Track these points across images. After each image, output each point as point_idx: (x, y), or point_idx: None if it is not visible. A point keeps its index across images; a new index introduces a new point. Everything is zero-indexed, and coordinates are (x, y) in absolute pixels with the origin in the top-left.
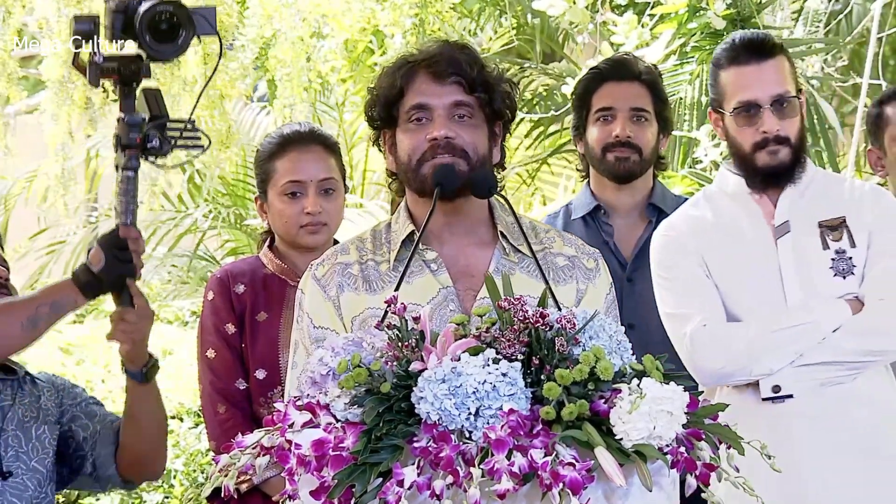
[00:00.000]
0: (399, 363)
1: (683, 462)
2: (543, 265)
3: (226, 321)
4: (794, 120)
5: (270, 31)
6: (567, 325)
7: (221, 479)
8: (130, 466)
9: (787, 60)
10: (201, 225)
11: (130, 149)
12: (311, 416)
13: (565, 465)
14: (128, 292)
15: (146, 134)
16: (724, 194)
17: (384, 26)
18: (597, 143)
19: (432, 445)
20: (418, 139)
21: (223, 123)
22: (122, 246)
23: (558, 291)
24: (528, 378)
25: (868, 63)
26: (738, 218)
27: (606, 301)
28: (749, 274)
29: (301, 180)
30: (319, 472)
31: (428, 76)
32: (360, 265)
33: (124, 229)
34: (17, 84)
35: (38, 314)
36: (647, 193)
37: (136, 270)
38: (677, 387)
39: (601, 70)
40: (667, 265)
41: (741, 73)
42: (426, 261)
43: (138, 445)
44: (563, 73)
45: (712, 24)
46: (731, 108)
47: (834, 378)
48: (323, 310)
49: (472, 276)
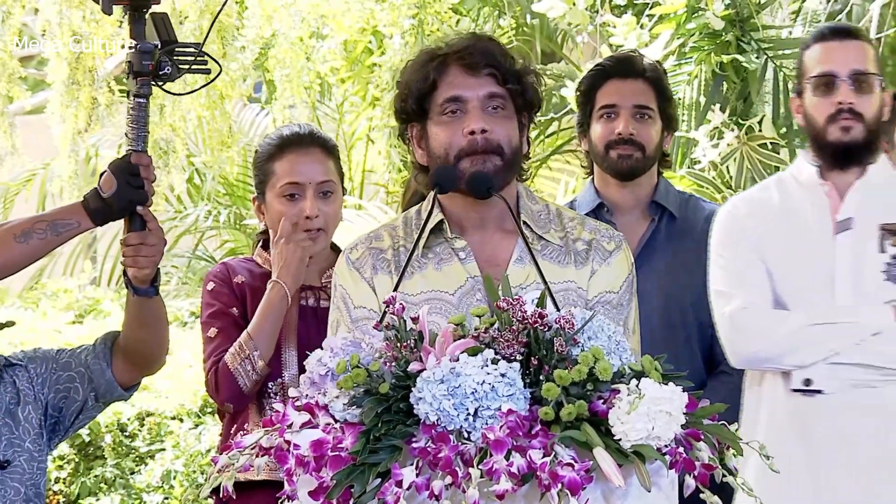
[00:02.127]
0: (398, 364)
1: (682, 462)
2: (565, 251)
3: (230, 305)
4: (871, 97)
5: (270, 31)
6: (566, 325)
7: (220, 478)
8: (133, 370)
9: (872, 49)
10: (201, 225)
11: (142, 76)
12: (310, 416)
13: (564, 465)
14: (139, 217)
15: (158, 61)
16: (795, 181)
17: (383, 27)
18: (600, 140)
19: (431, 446)
20: (454, 132)
21: (223, 123)
22: (133, 172)
23: (578, 274)
24: (527, 378)
25: None
26: (804, 207)
27: (625, 283)
28: (803, 265)
29: (300, 182)
30: (318, 472)
31: (461, 68)
32: (393, 251)
33: (136, 156)
34: (18, 84)
35: (34, 229)
36: (650, 191)
37: (148, 197)
38: (676, 387)
39: (605, 67)
40: (723, 243)
41: (824, 48)
42: (455, 249)
43: (148, 346)
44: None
45: (711, 25)
46: (809, 80)
47: (867, 381)
48: (359, 290)
49: (497, 266)
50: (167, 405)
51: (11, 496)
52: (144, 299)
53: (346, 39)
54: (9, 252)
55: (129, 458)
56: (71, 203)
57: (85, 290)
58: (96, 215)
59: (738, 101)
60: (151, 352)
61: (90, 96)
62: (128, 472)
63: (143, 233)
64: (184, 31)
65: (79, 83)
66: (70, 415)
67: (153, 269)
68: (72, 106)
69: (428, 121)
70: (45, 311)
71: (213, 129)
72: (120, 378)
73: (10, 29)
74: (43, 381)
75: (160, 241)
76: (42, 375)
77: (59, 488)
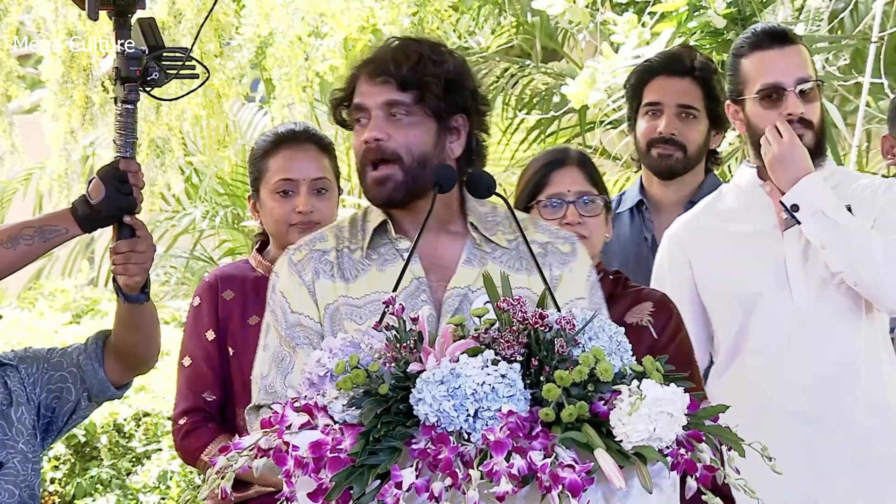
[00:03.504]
0: (397, 364)
1: (684, 464)
2: (516, 254)
3: (206, 328)
4: (816, 105)
5: (268, 30)
6: (566, 325)
7: (218, 481)
8: (125, 370)
9: (806, 50)
10: (199, 225)
11: (130, 82)
12: (309, 417)
13: (565, 467)
14: (128, 225)
15: (146, 67)
16: (737, 188)
17: (383, 25)
18: (643, 137)
19: (431, 447)
20: (358, 141)
21: (221, 123)
22: (122, 178)
23: (530, 280)
24: (528, 379)
25: (870, 62)
26: (747, 211)
27: (588, 283)
28: (755, 266)
29: (293, 178)
30: (317, 473)
31: (365, 77)
32: (337, 252)
33: (125, 162)
34: (15, 82)
35: (21, 234)
36: (693, 189)
37: (137, 203)
38: (677, 388)
39: (653, 63)
40: (658, 276)
41: (765, 58)
42: (399, 250)
43: (140, 349)
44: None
45: (712, 23)
46: (754, 92)
47: None
48: (298, 295)
49: (444, 267)
50: (164, 405)
51: (6, 498)
52: (136, 305)
53: (346, 38)
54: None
55: (125, 458)
56: (59, 210)
57: (82, 290)
58: (85, 222)
59: None
60: (143, 354)
61: (84, 95)
62: (124, 473)
63: (133, 240)
64: (181, 29)
65: (73, 82)
66: (63, 415)
67: (144, 276)
68: (65, 105)
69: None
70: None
71: (211, 129)
72: (112, 377)
73: (7, 27)
74: (35, 381)
75: (150, 247)
76: (34, 375)
77: (54, 489)
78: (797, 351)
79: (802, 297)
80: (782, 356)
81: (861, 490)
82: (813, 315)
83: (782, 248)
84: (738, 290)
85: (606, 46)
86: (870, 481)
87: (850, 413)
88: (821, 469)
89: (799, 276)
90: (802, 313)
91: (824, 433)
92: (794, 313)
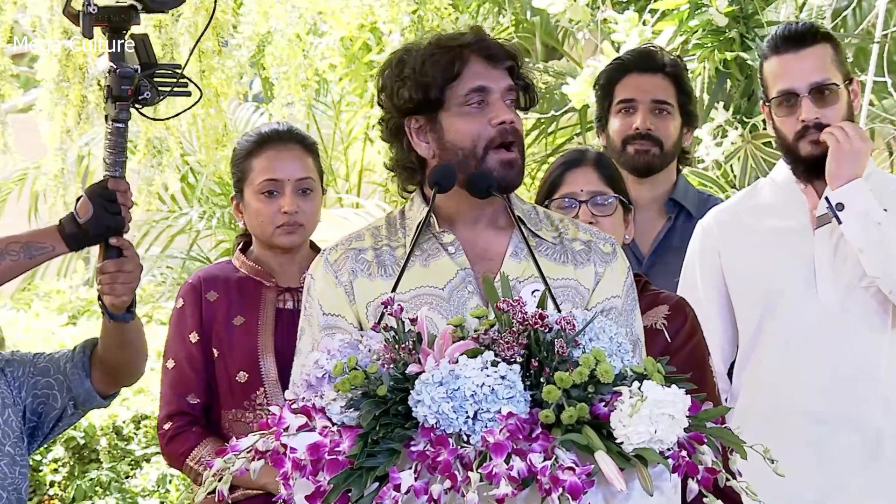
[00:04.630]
0: (396, 366)
1: (685, 466)
2: (560, 250)
3: (190, 330)
4: (835, 107)
5: (266, 28)
6: (566, 326)
7: (215, 483)
8: (112, 381)
9: (831, 48)
10: (196, 225)
11: (121, 100)
12: (307, 419)
13: (565, 469)
14: (114, 245)
15: (138, 86)
16: (773, 182)
17: (382, 23)
18: (617, 135)
19: (430, 449)
20: (482, 124)
21: (218, 122)
22: (110, 198)
23: (577, 273)
24: (527, 381)
25: (873, 60)
26: (781, 207)
27: (625, 285)
28: (784, 264)
29: (278, 179)
30: (315, 476)
31: (483, 59)
32: (375, 250)
33: (114, 182)
34: (10, 82)
35: (7, 249)
36: (668, 188)
37: (125, 223)
38: (679, 390)
39: (624, 61)
40: (690, 267)
41: (781, 62)
42: (443, 244)
43: (126, 365)
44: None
45: (714, 21)
46: (772, 98)
47: None
48: (333, 296)
49: (491, 260)
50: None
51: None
52: (121, 324)
53: (344, 36)
54: None
55: (124, 461)
56: (47, 226)
57: (78, 291)
58: (71, 240)
59: (742, 98)
60: (130, 369)
61: (80, 94)
62: (123, 476)
63: (121, 260)
64: (178, 27)
65: (69, 81)
66: (49, 421)
67: (131, 296)
68: (61, 104)
69: (442, 112)
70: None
71: (208, 128)
72: (98, 387)
73: (1, 26)
74: (21, 384)
75: (137, 267)
76: (20, 379)
77: (54, 492)
78: (817, 350)
79: (828, 296)
80: (801, 355)
81: (874, 490)
82: (836, 315)
83: (813, 246)
84: (765, 286)
85: (607, 45)
86: (883, 482)
87: (865, 414)
88: (834, 469)
89: (827, 275)
90: (827, 313)
91: (838, 433)
92: (819, 312)
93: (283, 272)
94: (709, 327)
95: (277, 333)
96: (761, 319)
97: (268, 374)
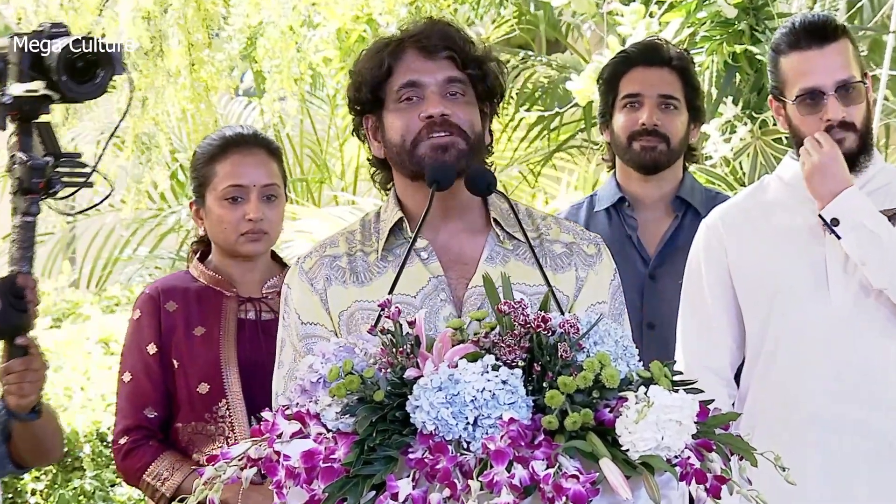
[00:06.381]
0: (393, 370)
1: (693, 474)
2: (539, 253)
3: (148, 341)
4: (859, 106)
5: (258, 19)
6: (570, 329)
7: (206, 491)
8: (27, 461)
9: (850, 43)
10: (185, 224)
11: (32, 193)
12: (301, 425)
13: (568, 477)
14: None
15: (49, 178)
16: (780, 181)
17: (378, 15)
18: (622, 131)
19: (428, 457)
20: (411, 118)
21: (209, 117)
22: (18, 294)
23: (556, 279)
24: (530, 386)
25: (888, 54)
26: (790, 205)
27: (611, 287)
28: (794, 263)
29: (243, 185)
30: (309, 484)
31: (418, 52)
32: (349, 257)
33: (22, 277)
34: None
35: None
36: (675, 186)
37: (31, 322)
38: (686, 395)
39: (629, 54)
40: (695, 271)
41: (803, 59)
42: (416, 249)
43: (40, 455)
44: (568, 65)
45: (723, 13)
46: (793, 96)
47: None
48: (310, 304)
49: (465, 264)
50: None
51: None
52: (29, 423)
53: (339, 28)
54: None
55: (108, 469)
56: None
57: (63, 292)
58: None
59: (752, 93)
60: (44, 457)
61: None
62: (108, 485)
63: (27, 358)
64: (167, 19)
65: None
66: None
67: (38, 396)
68: None
69: (383, 111)
70: None
71: (198, 123)
72: (14, 457)
73: None
74: None
75: (43, 366)
76: None
77: (35, 501)
78: (826, 355)
79: (840, 299)
80: (810, 359)
81: (883, 495)
82: (847, 319)
83: (823, 246)
84: (774, 284)
85: (613, 38)
86: (892, 487)
87: (875, 420)
88: (843, 474)
89: (839, 278)
90: (838, 316)
91: (847, 438)
92: (830, 316)
93: (244, 281)
94: (715, 326)
95: (240, 344)
96: (769, 318)
97: (231, 386)
